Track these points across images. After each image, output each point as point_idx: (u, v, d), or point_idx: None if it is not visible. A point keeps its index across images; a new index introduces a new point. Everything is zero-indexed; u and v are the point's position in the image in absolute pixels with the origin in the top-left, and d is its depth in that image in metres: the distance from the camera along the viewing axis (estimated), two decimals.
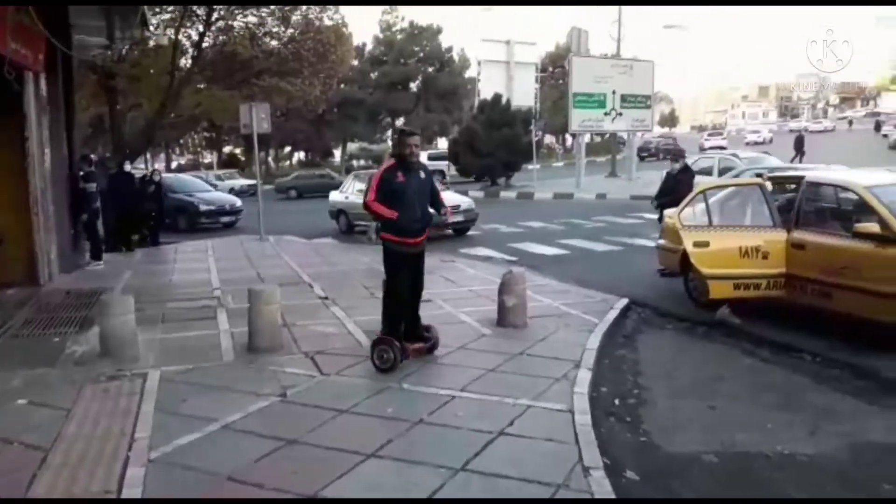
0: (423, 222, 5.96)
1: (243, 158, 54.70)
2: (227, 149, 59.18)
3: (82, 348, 6.39)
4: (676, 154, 11.21)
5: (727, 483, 4.03)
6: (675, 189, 10.44)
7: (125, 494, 3.64)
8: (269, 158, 59.27)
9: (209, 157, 61.83)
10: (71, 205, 11.09)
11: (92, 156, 14.23)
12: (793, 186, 7.92)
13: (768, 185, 7.77)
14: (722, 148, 52.49)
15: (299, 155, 67.73)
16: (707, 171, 17.03)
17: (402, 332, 5.93)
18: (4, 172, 9.32)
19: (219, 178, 30.55)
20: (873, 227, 6.38)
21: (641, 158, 43.33)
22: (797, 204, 7.40)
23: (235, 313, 7.60)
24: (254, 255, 12.81)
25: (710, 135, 64.37)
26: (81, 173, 11.53)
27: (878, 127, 57.72)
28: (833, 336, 6.62)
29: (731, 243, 7.35)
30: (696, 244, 7.44)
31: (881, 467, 4.16)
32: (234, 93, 19.22)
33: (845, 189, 7.28)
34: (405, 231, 5.83)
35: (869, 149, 40.44)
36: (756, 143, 56.10)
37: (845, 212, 7.26)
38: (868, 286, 6.31)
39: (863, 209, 6.75)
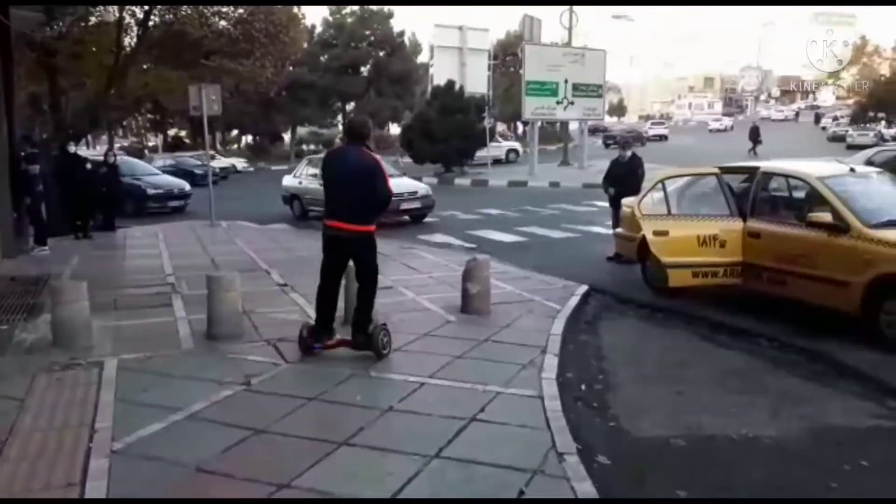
0: None
1: (188, 141, 53.29)
2: (171, 131, 57.60)
3: (32, 336, 6.14)
4: (624, 143, 11.34)
5: (696, 466, 4.10)
6: (627, 176, 10.57)
7: (89, 487, 3.50)
8: (217, 142, 57.92)
9: (153, 140, 60.06)
10: (13, 187, 10.61)
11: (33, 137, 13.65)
12: (747, 177, 8.12)
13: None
14: (663, 137, 54.74)
15: (247, 138, 66.37)
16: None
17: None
18: None
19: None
20: (826, 217, 6.58)
21: (607, 145, 44.52)
22: (752, 194, 7.59)
23: (191, 300, 7.42)
24: (206, 241, 12.53)
25: (653, 124, 67.05)
26: (23, 154, 11.04)
27: (817, 119, 60.73)
28: (788, 322, 6.82)
29: (690, 232, 7.50)
30: (656, 233, 7.57)
31: (842, 449, 4.29)
32: (183, 73, 18.64)
33: (799, 179, 7.48)
34: None
35: (810, 140, 41.92)
36: (718, 131, 61.89)
37: (799, 201, 7.46)
38: (820, 274, 6.52)
39: (816, 199, 6.95)
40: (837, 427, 4.65)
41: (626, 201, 9.42)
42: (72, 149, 12.84)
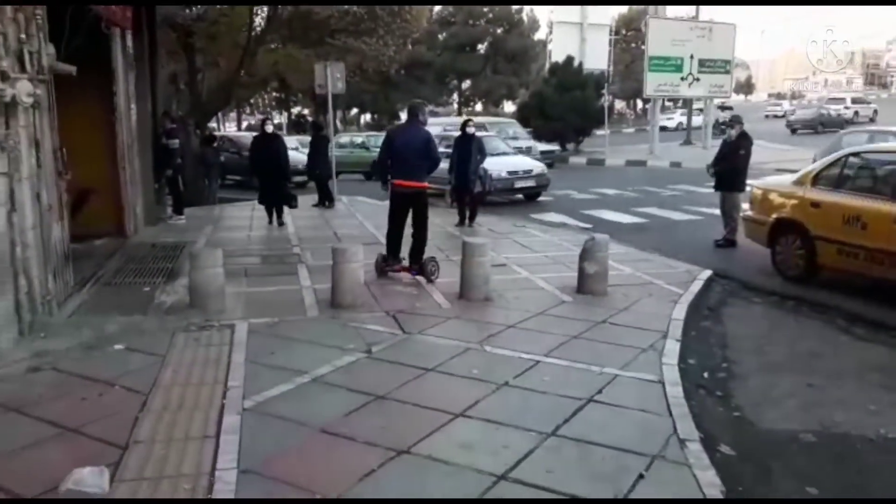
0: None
1: (311, 119, 55.18)
2: (295, 109, 59.82)
3: (171, 298, 6.59)
4: (733, 120, 10.66)
5: (827, 464, 3.86)
6: (729, 156, 10.02)
7: (223, 441, 3.73)
8: (337, 120, 59.72)
9: (278, 118, 62.61)
10: (154, 160, 11.38)
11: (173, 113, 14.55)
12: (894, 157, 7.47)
13: None
14: (778, 116, 49.17)
15: (366, 117, 67.98)
16: None
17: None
18: (94, 127, 9.59)
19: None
20: None
21: (794, 131, 37.17)
22: None
23: (315, 270, 7.72)
24: (328, 215, 12.97)
25: (771, 105, 62.14)
26: (164, 129, 11.80)
27: None
28: None
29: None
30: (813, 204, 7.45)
31: None
32: (309, 52, 19.29)
33: None
34: None
35: None
36: (775, 118, 50.61)
37: None
38: None
39: None
40: None
41: (757, 183, 8.93)
42: (269, 128, 12.76)
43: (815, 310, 6.87)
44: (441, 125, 19.55)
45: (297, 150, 17.88)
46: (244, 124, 60.32)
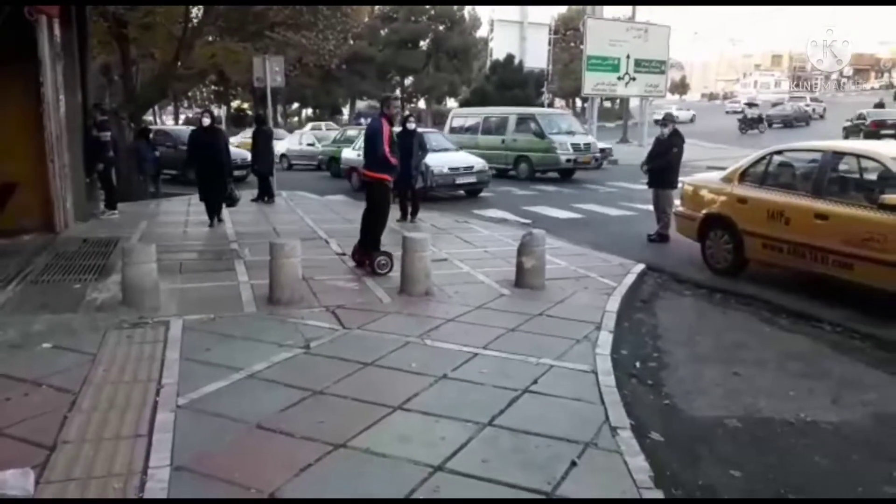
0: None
1: (251, 113, 54.24)
2: (234, 103, 58.69)
3: (103, 295, 6.41)
4: (666, 119, 10.97)
5: (751, 448, 4.05)
6: (664, 154, 10.33)
7: (155, 439, 3.66)
8: (278, 114, 58.84)
9: (217, 111, 61.33)
10: (85, 153, 11.02)
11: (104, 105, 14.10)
12: (815, 155, 7.83)
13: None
14: (738, 112, 51.87)
15: (307, 111, 67.20)
16: None
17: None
18: (20, 119, 9.25)
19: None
20: None
21: (743, 130, 39.40)
22: (819, 174, 7.32)
23: (254, 265, 7.62)
24: (267, 210, 12.80)
25: (730, 103, 66.88)
26: (95, 122, 11.43)
27: None
28: (853, 307, 6.61)
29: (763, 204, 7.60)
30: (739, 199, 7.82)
31: None
32: (247, 45, 18.92)
33: (871, 159, 7.16)
34: (394, 173, 7.82)
35: None
36: (735, 113, 52.06)
37: (870, 182, 7.16)
38: (891, 258, 6.26)
39: (889, 180, 6.66)
40: None
41: (688, 180, 9.23)
42: (206, 122, 12.41)
43: (742, 302, 7.16)
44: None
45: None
46: (181, 118, 58.84)
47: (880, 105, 39.71)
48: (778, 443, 4.13)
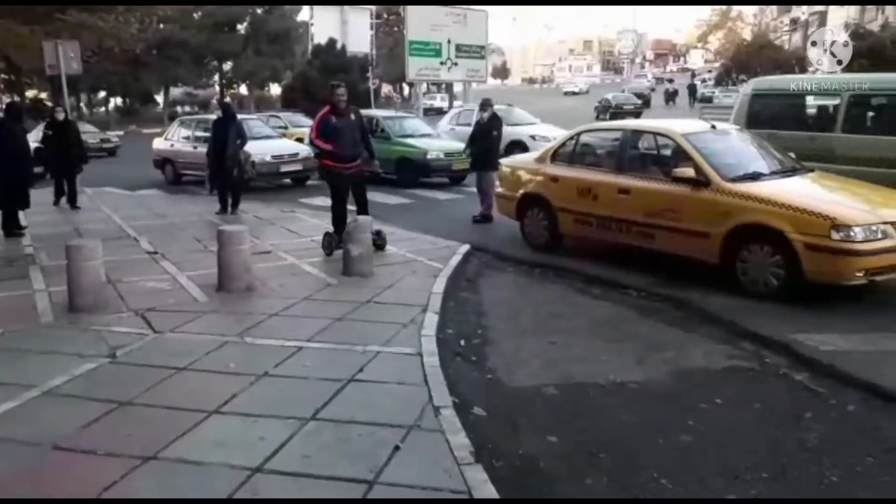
0: (355, 152, 7.79)
1: (50, 104, 49.33)
2: (30, 93, 53.04)
3: None
4: (484, 104, 11.30)
5: (566, 413, 4.26)
6: (485, 137, 10.69)
7: None
8: (82, 104, 54.00)
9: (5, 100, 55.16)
10: None
11: None
12: (617, 134, 8.41)
13: None
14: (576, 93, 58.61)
15: (116, 100, 62.22)
16: None
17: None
18: None
19: None
20: (688, 172, 6.91)
21: (598, 115, 39.78)
22: (622, 151, 7.87)
23: (51, 271, 6.93)
24: (68, 209, 11.69)
25: (567, 84, 73.63)
26: None
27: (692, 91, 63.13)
28: (657, 274, 7.16)
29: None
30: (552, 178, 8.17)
31: (700, 389, 4.57)
32: (36, 28, 17.11)
33: (664, 136, 7.80)
34: (342, 158, 7.65)
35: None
36: (573, 94, 64.20)
37: (665, 158, 7.79)
38: (684, 226, 6.87)
39: (680, 155, 7.29)
40: (696, 369, 4.95)
41: (505, 161, 9.58)
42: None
43: (559, 275, 7.54)
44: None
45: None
46: None
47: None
48: (590, 405, 4.39)
